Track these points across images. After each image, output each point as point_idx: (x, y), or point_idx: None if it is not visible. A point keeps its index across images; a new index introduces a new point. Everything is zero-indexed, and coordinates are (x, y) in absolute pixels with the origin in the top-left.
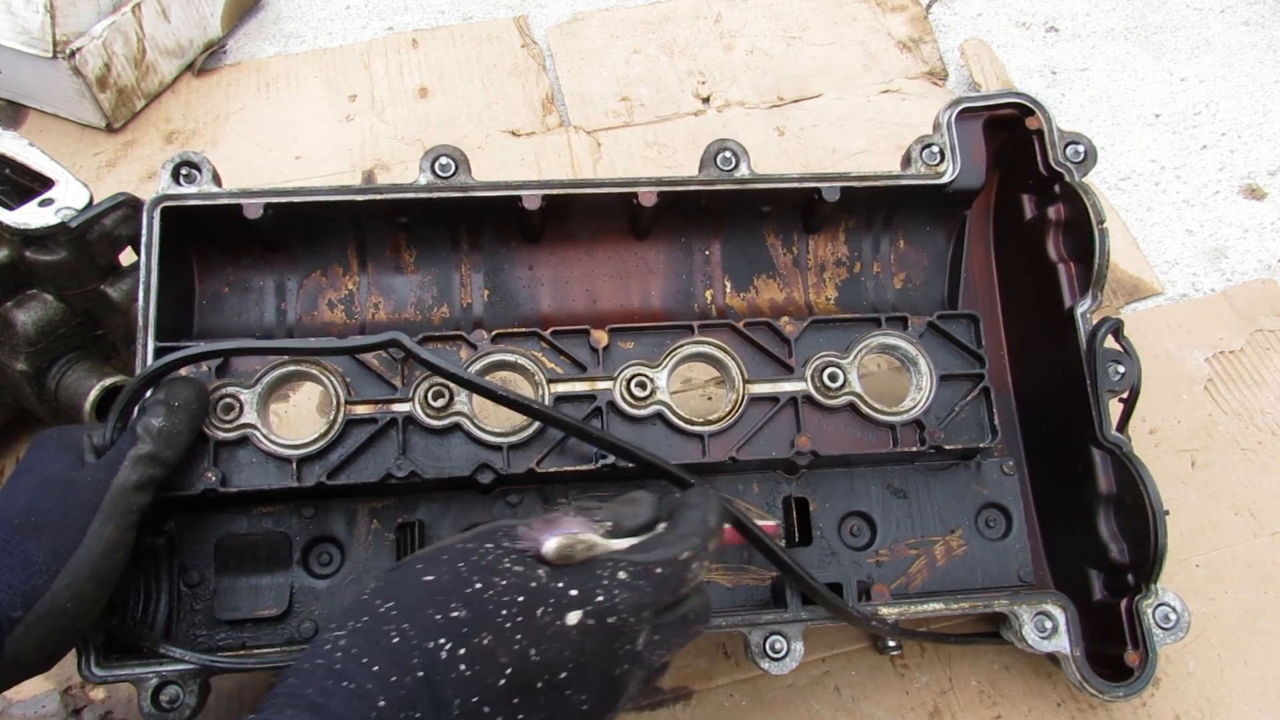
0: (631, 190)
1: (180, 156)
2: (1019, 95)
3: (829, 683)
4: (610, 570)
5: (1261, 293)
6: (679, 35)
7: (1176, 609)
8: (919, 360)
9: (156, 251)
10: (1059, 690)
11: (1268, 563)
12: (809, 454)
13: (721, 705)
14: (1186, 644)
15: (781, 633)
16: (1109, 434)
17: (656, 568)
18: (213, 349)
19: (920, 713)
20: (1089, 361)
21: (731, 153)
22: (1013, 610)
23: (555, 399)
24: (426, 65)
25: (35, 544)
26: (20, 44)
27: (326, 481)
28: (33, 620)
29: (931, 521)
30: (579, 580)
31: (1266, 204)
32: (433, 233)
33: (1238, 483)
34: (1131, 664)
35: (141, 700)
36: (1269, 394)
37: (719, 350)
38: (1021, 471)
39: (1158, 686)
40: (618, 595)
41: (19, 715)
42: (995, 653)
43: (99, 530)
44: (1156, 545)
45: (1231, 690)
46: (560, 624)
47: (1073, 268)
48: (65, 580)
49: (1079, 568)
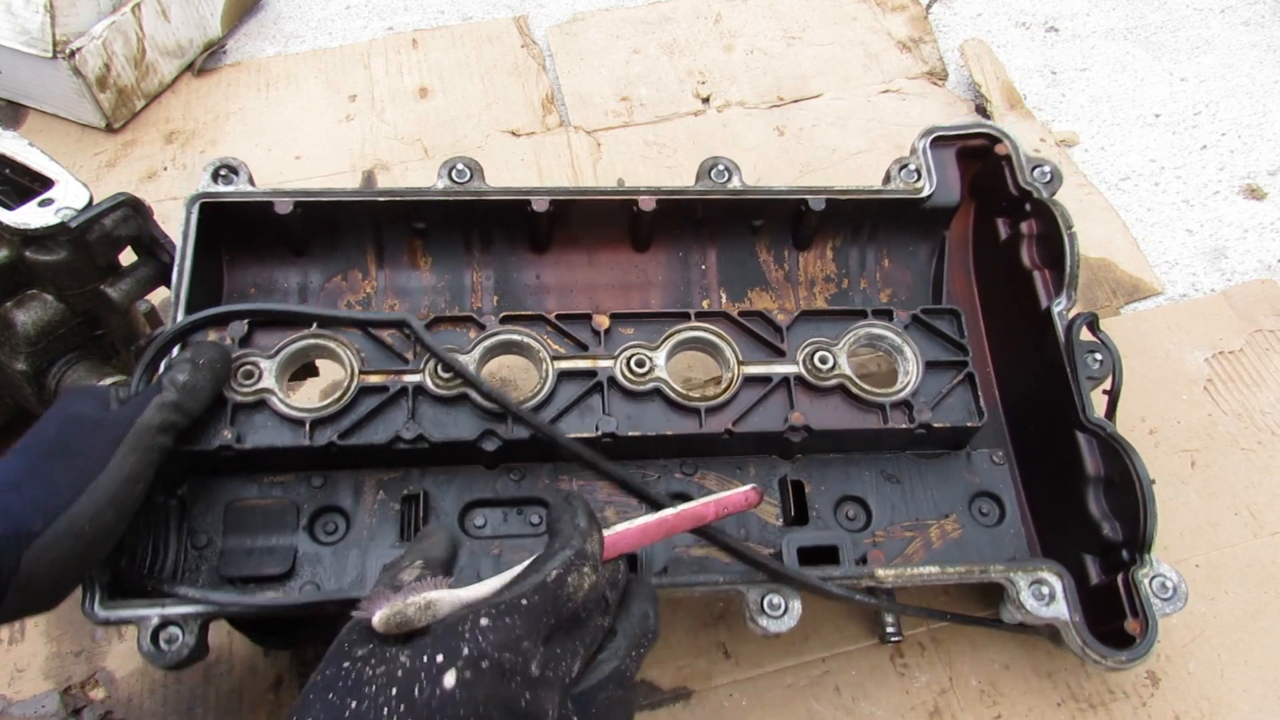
0: (633, 197)
1: (220, 160)
2: (988, 126)
3: (829, 682)
4: (471, 622)
5: (1261, 293)
6: (679, 35)
7: (1173, 579)
8: (905, 348)
9: (193, 241)
10: (1059, 690)
11: (1268, 562)
12: (802, 429)
13: (721, 705)
14: (1186, 644)
15: (778, 591)
16: (1091, 417)
17: (522, 599)
18: (237, 308)
19: (920, 712)
20: (1068, 352)
21: (725, 167)
22: (1009, 577)
23: (559, 374)
24: (426, 65)
25: (60, 469)
26: (20, 44)
27: (337, 441)
28: (51, 538)
29: (926, 507)
30: (441, 644)
31: (1266, 204)
32: (447, 238)
33: (1238, 482)
34: (1132, 632)
35: (141, 639)
36: (1269, 394)
37: (714, 336)
38: (1011, 462)
39: (1157, 686)
40: (483, 640)
41: (19, 715)
42: (996, 651)
43: (121, 460)
44: (1146, 514)
45: (1232, 690)
46: (440, 691)
47: (1047, 274)
48: (86, 501)
49: (1073, 553)
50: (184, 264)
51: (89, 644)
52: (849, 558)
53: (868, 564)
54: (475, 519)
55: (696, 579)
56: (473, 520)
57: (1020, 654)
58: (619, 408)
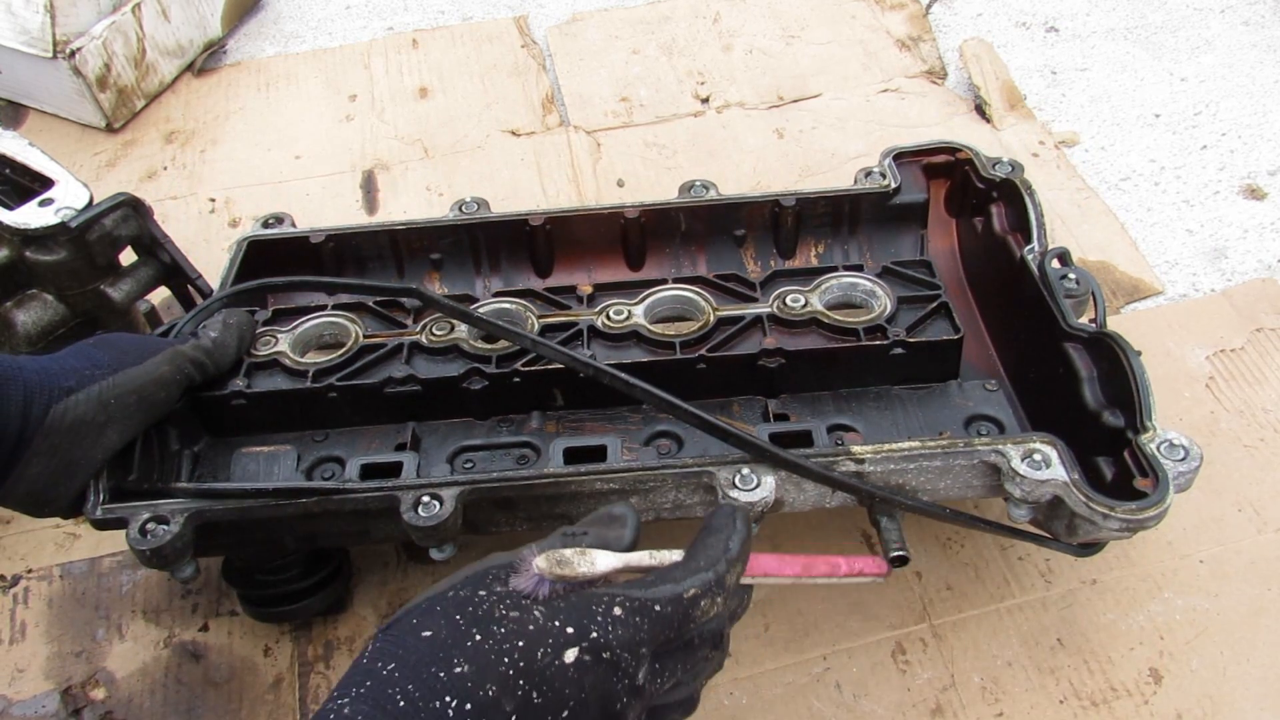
0: (620, 210)
1: (270, 214)
2: (947, 142)
3: (829, 679)
4: (605, 605)
5: (1261, 292)
6: (678, 35)
7: (1184, 443)
8: (876, 290)
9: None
10: (1061, 687)
11: (1271, 559)
12: (777, 352)
13: (721, 704)
14: (1189, 641)
15: (750, 466)
16: (1072, 322)
17: (655, 604)
18: (270, 282)
19: (922, 709)
20: (1043, 280)
21: (703, 184)
22: (998, 449)
23: (543, 329)
24: (426, 65)
25: (103, 352)
26: (20, 44)
27: (336, 383)
28: (81, 397)
29: (918, 428)
30: (574, 617)
31: (1266, 204)
32: (460, 269)
33: (1241, 479)
34: (1144, 488)
35: (130, 531)
36: (1270, 392)
37: (691, 293)
38: (1006, 389)
39: (1160, 684)
40: (612, 631)
41: (19, 715)
42: (998, 648)
43: (156, 363)
44: (1137, 384)
45: (1235, 688)
46: (559, 663)
47: (1018, 236)
48: (119, 379)
49: (1084, 458)
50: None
51: (89, 644)
52: (823, 438)
53: (844, 442)
54: (465, 462)
55: (666, 462)
56: (461, 464)
57: (1023, 651)
58: (599, 351)
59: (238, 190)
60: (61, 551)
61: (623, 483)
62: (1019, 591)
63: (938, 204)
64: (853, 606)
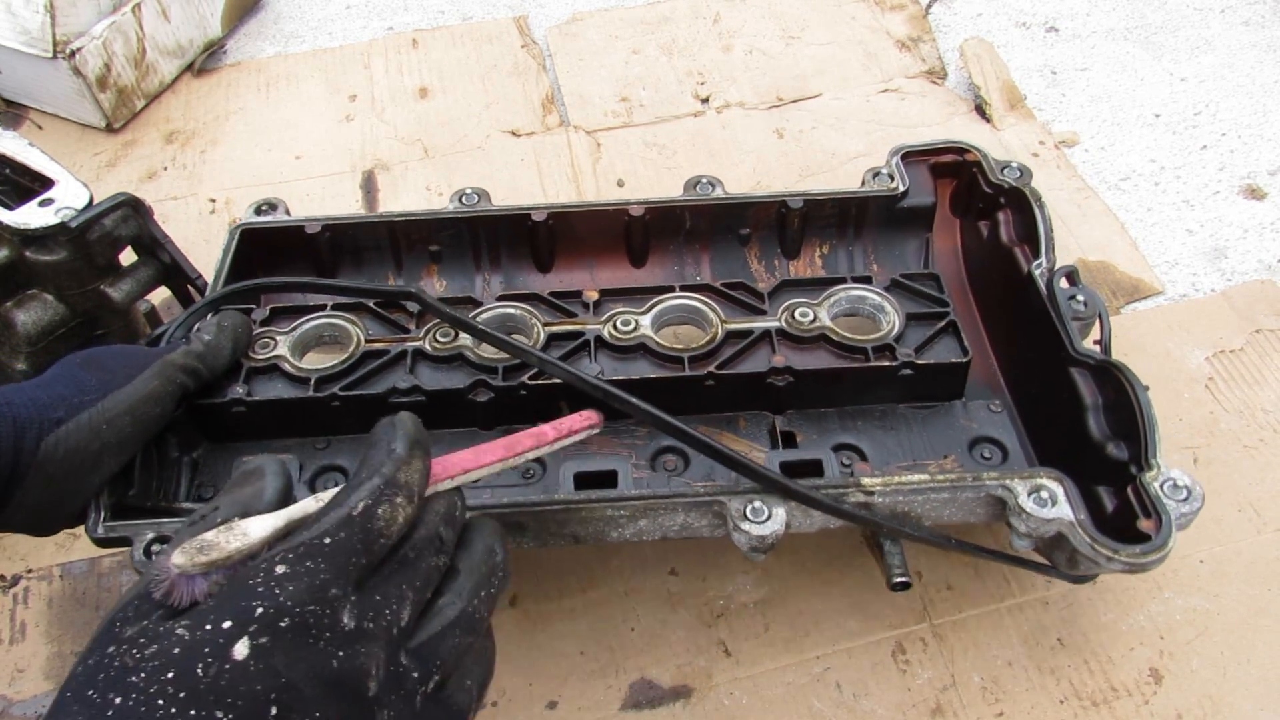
0: (624, 207)
1: (264, 200)
2: (955, 142)
3: (829, 679)
4: (265, 571)
5: (1261, 293)
6: (678, 35)
7: (1186, 482)
8: (885, 305)
9: (230, 263)
10: (1062, 687)
11: (1271, 559)
12: (785, 370)
13: (721, 704)
14: (1189, 641)
15: (762, 498)
16: (1079, 347)
17: (324, 538)
18: (264, 281)
19: (922, 709)
20: (1050, 299)
21: (709, 181)
22: (1006, 484)
23: (549, 337)
24: (426, 65)
25: (90, 374)
26: (20, 44)
27: (339, 393)
28: (72, 427)
29: (922, 449)
30: (229, 605)
31: (1266, 204)
32: (459, 262)
33: (1240, 479)
34: (1146, 529)
35: (134, 553)
36: (1270, 392)
37: (698, 302)
38: (1009, 409)
39: (1160, 684)
40: (282, 594)
41: (19, 715)
42: (999, 648)
43: (145, 380)
44: (1143, 419)
45: (1235, 688)
46: (229, 665)
47: (1026, 248)
48: (109, 404)
49: (1086, 488)
50: (217, 283)
51: None
52: (833, 467)
53: (854, 473)
54: None
55: (679, 491)
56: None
57: (1024, 651)
58: (606, 364)
59: (238, 190)
60: (61, 551)
61: (634, 510)
62: (1019, 591)
63: (943, 203)
64: (853, 606)
